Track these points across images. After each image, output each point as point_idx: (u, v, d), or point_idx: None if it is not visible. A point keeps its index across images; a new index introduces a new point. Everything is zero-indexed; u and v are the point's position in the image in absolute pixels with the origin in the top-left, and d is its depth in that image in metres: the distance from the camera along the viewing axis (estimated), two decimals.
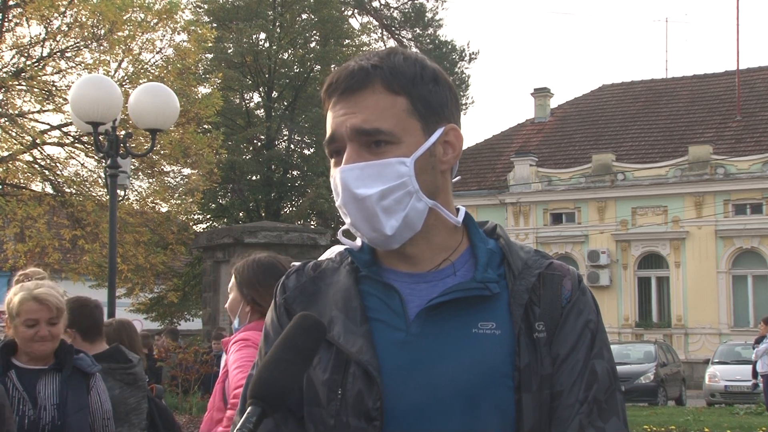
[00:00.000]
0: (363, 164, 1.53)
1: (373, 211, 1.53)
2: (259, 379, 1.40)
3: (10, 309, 3.66)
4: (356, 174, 1.53)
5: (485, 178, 30.89)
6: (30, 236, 18.48)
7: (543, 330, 1.53)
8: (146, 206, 21.24)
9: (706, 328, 26.99)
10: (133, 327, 5.13)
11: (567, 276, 1.59)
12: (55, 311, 3.67)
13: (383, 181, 1.52)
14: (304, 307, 1.61)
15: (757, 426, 12.53)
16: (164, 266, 21.98)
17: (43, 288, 3.71)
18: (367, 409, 1.49)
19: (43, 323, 3.64)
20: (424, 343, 1.52)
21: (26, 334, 3.64)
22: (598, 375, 1.53)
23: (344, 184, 1.54)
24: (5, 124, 18.75)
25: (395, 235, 1.55)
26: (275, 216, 29.38)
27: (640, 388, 19.73)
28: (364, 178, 1.53)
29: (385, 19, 36.95)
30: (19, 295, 3.65)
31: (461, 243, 1.62)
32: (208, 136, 20.60)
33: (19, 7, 19.47)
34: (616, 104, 33.25)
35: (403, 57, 1.59)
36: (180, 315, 30.08)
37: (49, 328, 3.66)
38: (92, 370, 3.81)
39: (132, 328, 5.06)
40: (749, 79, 30.99)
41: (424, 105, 1.57)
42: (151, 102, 9.65)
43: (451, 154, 1.60)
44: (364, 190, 1.52)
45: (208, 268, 18.27)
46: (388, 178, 1.53)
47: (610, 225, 28.46)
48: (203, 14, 30.70)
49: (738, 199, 26.96)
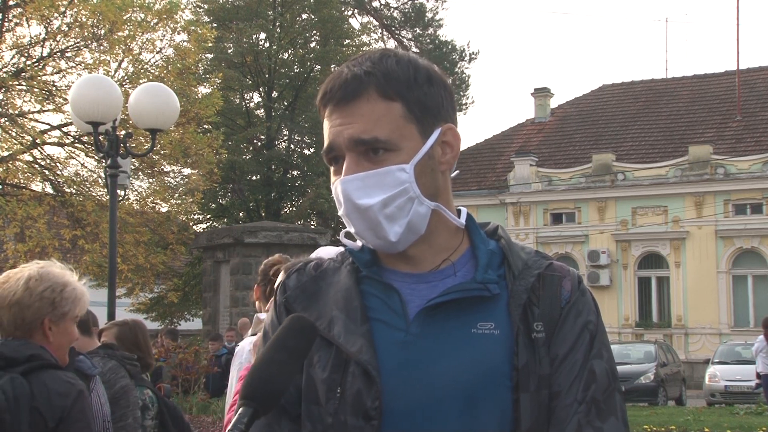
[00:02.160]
0: (363, 174, 1.53)
1: (376, 220, 1.53)
2: (251, 379, 1.41)
3: None
4: (357, 185, 1.53)
5: (485, 178, 30.89)
6: (30, 236, 18.48)
7: (541, 330, 1.53)
8: (146, 206, 21.24)
9: (706, 328, 26.99)
10: (146, 330, 5.08)
11: (567, 277, 1.59)
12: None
13: (384, 189, 1.53)
14: (305, 306, 1.61)
15: (757, 426, 12.52)
16: (164, 266, 21.99)
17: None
18: (366, 409, 1.50)
19: None
20: (424, 343, 1.52)
21: None
22: (597, 375, 1.53)
23: (346, 195, 1.54)
24: (5, 124, 18.75)
25: (400, 241, 1.55)
26: (275, 216, 29.40)
27: (640, 388, 19.73)
28: (365, 188, 1.53)
29: (385, 19, 36.96)
30: None
31: (462, 243, 1.62)
32: (208, 136, 20.60)
33: (19, 7, 19.47)
34: (616, 104, 33.25)
35: (395, 60, 1.58)
36: (180, 315, 30.09)
37: None
38: (92, 372, 3.80)
39: (145, 331, 5.01)
40: (749, 79, 30.98)
41: (420, 108, 1.56)
42: (151, 102, 9.64)
43: (449, 154, 1.61)
44: (367, 200, 1.53)
45: (208, 268, 18.29)
46: (389, 187, 1.53)
47: (610, 225, 28.46)
48: (203, 14, 30.71)
49: (738, 199, 26.95)
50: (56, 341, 2.99)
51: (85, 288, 3.14)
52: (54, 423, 2.79)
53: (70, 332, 3.06)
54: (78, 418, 2.84)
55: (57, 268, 3.06)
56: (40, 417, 2.78)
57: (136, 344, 4.76)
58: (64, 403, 2.81)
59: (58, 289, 2.99)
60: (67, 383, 2.87)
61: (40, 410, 2.78)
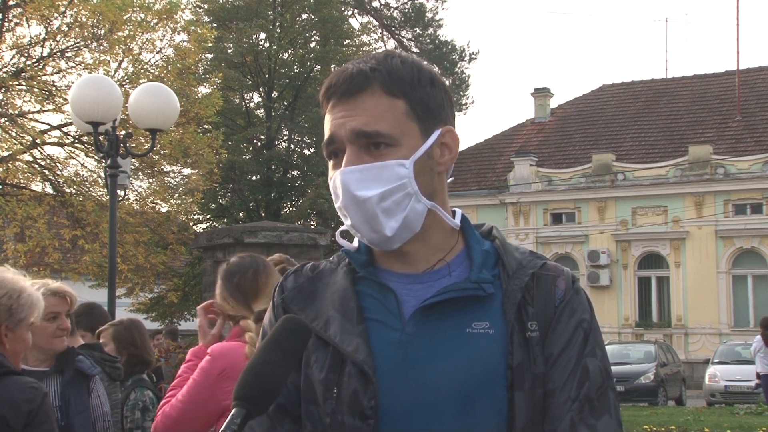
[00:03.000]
0: (363, 167, 1.55)
1: (374, 212, 1.54)
2: (244, 380, 1.41)
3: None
4: (356, 176, 1.55)
5: (485, 178, 30.89)
6: (30, 236, 18.48)
7: (536, 329, 1.55)
8: (146, 206, 21.24)
9: (706, 328, 26.99)
10: (144, 327, 5.08)
11: (561, 276, 1.61)
12: (70, 303, 3.76)
13: (383, 183, 1.54)
14: (302, 307, 1.62)
15: (757, 426, 12.53)
16: (164, 266, 21.97)
17: (56, 284, 3.78)
18: (362, 408, 1.51)
19: (63, 315, 3.71)
20: (420, 343, 1.53)
21: (48, 329, 3.65)
22: (590, 373, 1.54)
23: (345, 187, 1.55)
24: (5, 124, 18.75)
25: (395, 236, 1.56)
26: (275, 216, 29.39)
27: (640, 388, 19.73)
28: (364, 180, 1.54)
29: (385, 19, 36.95)
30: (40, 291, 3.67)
31: (457, 244, 1.64)
32: (208, 136, 20.60)
33: (19, 7, 19.47)
34: (616, 104, 33.26)
35: (400, 60, 1.60)
36: (180, 315, 30.05)
37: (66, 320, 3.73)
38: (93, 372, 3.81)
39: (142, 329, 5.01)
40: (749, 79, 30.99)
41: (422, 108, 1.58)
42: (151, 102, 9.65)
43: (448, 155, 1.63)
44: (365, 192, 1.54)
45: (208, 268, 18.24)
46: (387, 180, 1.54)
47: (610, 225, 28.46)
48: (203, 14, 30.70)
49: (738, 199, 26.96)
50: (12, 347, 2.96)
51: (39, 293, 3.13)
52: (20, 427, 2.78)
53: (25, 338, 3.03)
54: (43, 420, 2.84)
55: (11, 273, 3.03)
56: (5, 423, 2.77)
57: (133, 342, 4.79)
58: (30, 407, 2.81)
59: (14, 295, 2.96)
60: (32, 389, 2.86)
61: (6, 417, 2.77)
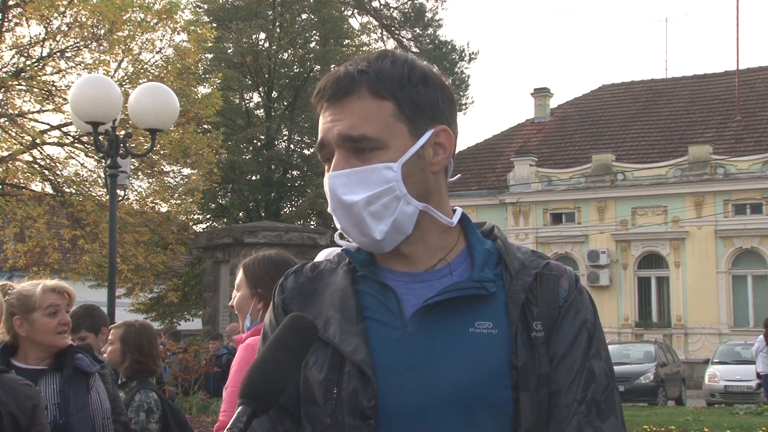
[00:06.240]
0: (349, 171, 1.54)
1: (361, 216, 1.54)
2: (250, 379, 1.40)
3: (27, 305, 3.65)
4: (343, 180, 1.54)
5: (485, 178, 30.88)
6: (30, 236, 18.48)
7: (541, 329, 1.54)
8: (146, 206, 21.25)
9: (706, 328, 26.99)
10: (155, 335, 4.81)
11: (564, 276, 1.60)
12: (68, 299, 3.76)
13: (370, 187, 1.53)
14: (302, 307, 1.61)
15: (757, 426, 12.52)
16: (164, 266, 21.98)
17: (53, 281, 3.79)
18: (362, 408, 1.50)
19: (63, 310, 3.72)
20: (421, 343, 1.52)
21: (50, 325, 3.65)
22: (596, 375, 1.53)
23: (332, 191, 1.55)
24: (5, 124, 18.75)
25: (385, 239, 1.55)
26: (275, 216, 29.41)
27: (640, 388, 19.73)
28: (350, 185, 1.54)
29: (385, 19, 36.95)
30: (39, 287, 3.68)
31: (458, 243, 1.62)
32: (208, 136, 20.61)
33: (19, 7, 19.47)
34: (616, 104, 33.25)
35: (391, 60, 1.58)
36: (180, 315, 30.08)
37: (67, 316, 3.74)
38: (92, 370, 3.81)
39: (153, 335, 4.75)
40: (749, 79, 30.98)
41: (412, 107, 1.56)
42: (151, 102, 9.64)
43: (441, 155, 1.60)
44: (351, 196, 1.53)
45: (208, 268, 18.29)
46: (374, 184, 1.53)
47: (610, 225, 28.45)
48: (203, 14, 30.72)
49: (738, 199, 26.95)
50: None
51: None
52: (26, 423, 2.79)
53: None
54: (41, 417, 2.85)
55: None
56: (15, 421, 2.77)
57: (140, 348, 4.59)
58: (33, 403, 2.82)
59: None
60: (26, 385, 2.87)
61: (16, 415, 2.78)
